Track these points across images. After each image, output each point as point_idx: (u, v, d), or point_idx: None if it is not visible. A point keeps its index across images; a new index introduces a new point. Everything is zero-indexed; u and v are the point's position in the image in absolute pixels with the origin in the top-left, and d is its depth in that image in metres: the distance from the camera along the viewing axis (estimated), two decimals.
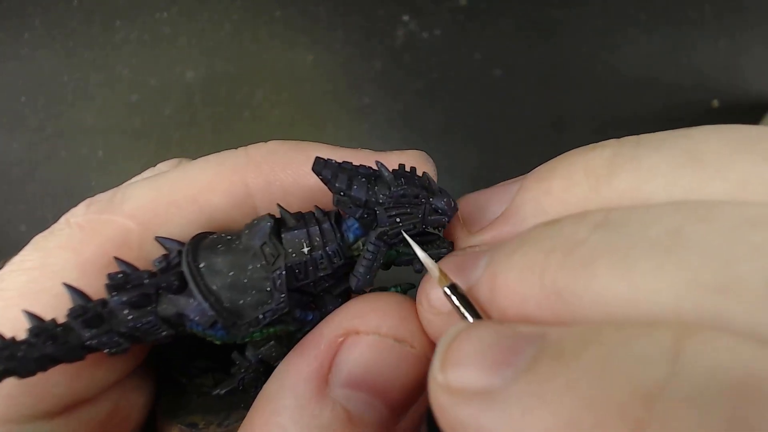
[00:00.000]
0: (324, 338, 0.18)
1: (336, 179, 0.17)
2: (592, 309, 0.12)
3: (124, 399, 0.22)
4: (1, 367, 0.16)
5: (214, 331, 0.18)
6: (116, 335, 0.17)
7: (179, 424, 0.22)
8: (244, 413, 0.21)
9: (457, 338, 0.13)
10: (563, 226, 0.15)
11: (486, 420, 0.11)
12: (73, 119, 0.51)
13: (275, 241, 0.18)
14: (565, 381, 0.11)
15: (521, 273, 0.14)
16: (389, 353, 0.18)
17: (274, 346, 0.20)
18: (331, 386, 0.17)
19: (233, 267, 0.18)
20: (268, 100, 0.50)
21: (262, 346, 0.20)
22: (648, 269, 0.12)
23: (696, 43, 0.49)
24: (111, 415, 0.21)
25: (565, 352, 0.11)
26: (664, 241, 0.12)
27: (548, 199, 0.17)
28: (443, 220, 0.18)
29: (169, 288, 0.17)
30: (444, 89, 0.49)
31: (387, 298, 0.19)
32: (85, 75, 0.51)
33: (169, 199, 0.20)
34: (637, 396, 0.10)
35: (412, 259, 0.19)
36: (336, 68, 0.50)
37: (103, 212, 0.20)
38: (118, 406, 0.21)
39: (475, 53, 0.49)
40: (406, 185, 0.17)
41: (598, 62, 0.49)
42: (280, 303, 0.18)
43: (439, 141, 0.48)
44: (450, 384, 0.13)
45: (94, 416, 0.20)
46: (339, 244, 0.18)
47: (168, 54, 0.51)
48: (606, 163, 0.16)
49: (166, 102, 0.50)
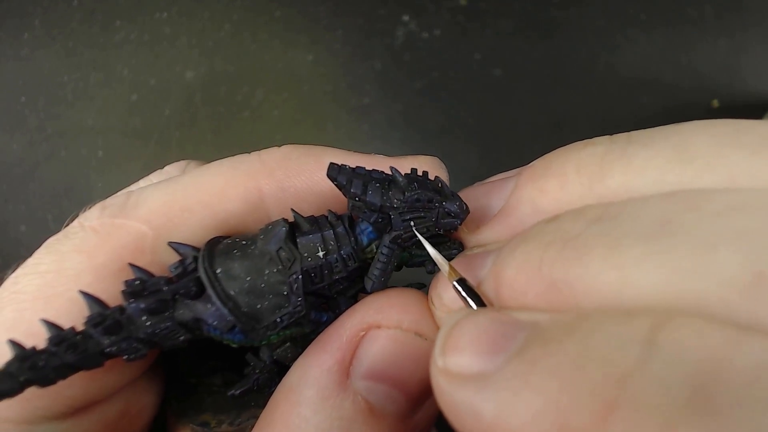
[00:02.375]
0: (346, 331, 0.18)
1: (351, 185, 0.18)
2: (585, 298, 0.13)
3: (134, 399, 0.22)
4: (23, 377, 0.16)
5: (231, 335, 0.18)
6: (135, 341, 0.18)
7: (191, 423, 0.22)
8: (255, 411, 0.21)
9: (456, 325, 0.14)
10: (562, 222, 0.15)
11: (479, 402, 0.12)
12: (73, 119, 0.51)
13: (291, 246, 0.18)
14: (549, 365, 0.11)
15: (522, 266, 0.15)
16: (410, 347, 0.18)
17: (290, 347, 0.20)
18: (353, 378, 0.18)
19: (250, 272, 0.18)
20: (268, 100, 0.50)
21: (277, 348, 0.20)
22: (636, 257, 0.12)
23: (696, 43, 0.49)
24: (122, 415, 0.21)
25: (552, 337, 0.12)
26: (654, 230, 0.13)
27: (544, 198, 0.17)
28: (456, 223, 0.18)
29: (188, 294, 0.18)
30: (444, 89, 0.49)
31: (407, 294, 0.19)
32: (85, 75, 0.51)
33: (183, 204, 0.20)
34: (610, 378, 0.10)
35: (423, 260, 0.20)
36: (336, 68, 0.50)
37: (117, 216, 0.20)
38: (128, 406, 0.22)
39: (475, 53, 0.49)
40: (420, 189, 0.18)
41: (598, 62, 0.49)
42: (297, 306, 0.18)
43: (439, 141, 0.48)
44: (448, 368, 0.13)
45: (105, 416, 0.21)
46: (353, 248, 0.19)
47: (168, 54, 0.51)
48: (598, 160, 0.16)
49: (166, 102, 0.50)
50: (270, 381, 0.21)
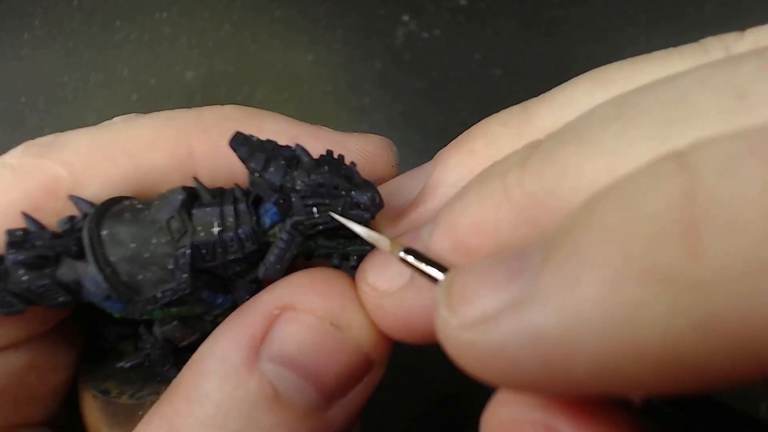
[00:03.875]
0: (261, 307, 0.17)
1: (252, 158, 0.16)
2: (575, 194, 0.12)
3: (43, 354, 0.21)
4: None
5: (110, 303, 0.17)
6: (9, 295, 0.16)
7: (93, 389, 0.21)
8: (157, 387, 0.20)
9: (453, 281, 0.13)
10: (508, 157, 0.15)
11: (531, 324, 0.10)
12: (73, 119, 0.51)
13: (184, 217, 0.17)
14: (596, 236, 0.10)
15: (483, 204, 0.14)
16: (324, 337, 0.17)
17: (178, 326, 0.19)
18: (261, 358, 0.16)
19: (136, 239, 0.17)
20: (268, 100, 0.50)
21: (165, 325, 0.19)
22: (613, 137, 0.12)
23: None
24: (29, 368, 0.20)
25: (576, 226, 0.11)
26: (613, 114, 0.12)
27: (473, 158, 0.17)
28: (365, 216, 0.17)
29: (67, 252, 0.16)
30: (444, 89, 0.49)
31: (333, 277, 0.18)
32: (85, 75, 0.51)
33: (108, 151, 0.19)
34: (672, 205, 0.09)
35: (331, 252, 0.18)
36: (336, 68, 0.50)
37: (39, 156, 0.19)
38: (36, 360, 0.21)
39: (475, 53, 0.49)
40: (328, 174, 0.16)
41: (598, 62, 0.49)
42: (182, 283, 0.16)
43: (439, 141, 0.48)
44: (469, 319, 0.12)
45: (5, 367, 0.20)
46: (253, 228, 0.17)
47: (168, 54, 0.51)
48: (521, 110, 0.17)
49: (166, 102, 0.50)
50: (163, 358, 0.19)
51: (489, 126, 0.17)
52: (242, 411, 0.16)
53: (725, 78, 0.11)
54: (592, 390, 0.10)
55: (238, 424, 0.16)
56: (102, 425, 0.20)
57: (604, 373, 0.10)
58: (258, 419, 0.16)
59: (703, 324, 0.09)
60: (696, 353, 0.09)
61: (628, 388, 0.10)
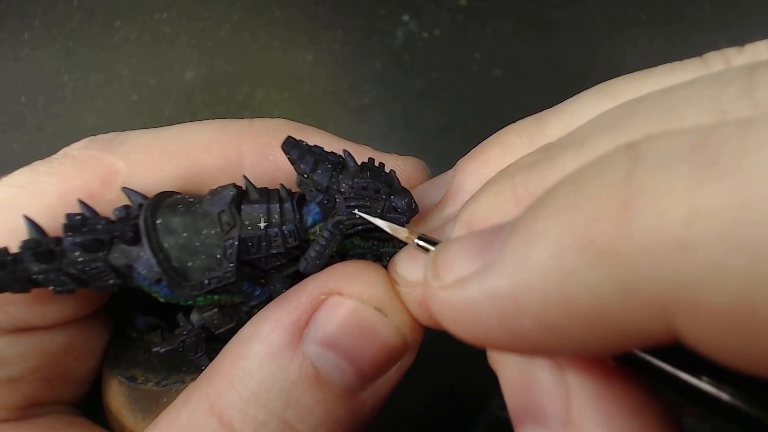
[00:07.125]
0: (307, 293, 0.18)
1: (302, 161, 0.18)
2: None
3: (81, 338, 0.22)
4: None
5: (159, 287, 0.18)
6: (63, 275, 0.18)
7: (120, 375, 0.22)
8: (183, 376, 0.21)
9: (438, 252, 0.14)
10: (520, 160, 0.17)
11: (491, 284, 0.12)
12: (73, 119, 0.51)
13: (234, 211, 0.18)
14: (549, 212, 0.12)
15: (494, 200, 0.16)
16: (368, 320, 0.18)
17: (217, 314, 0.20)
18: (305, 341, 0.18)
19: (188, 229, 0.18)
20: (268, 100, 0.50)
21: (205, 312, 0.20)
22: (609, 142, 0.13)
23: (696, 43, 0.49)
24: (66, 349, 0.22)
25: (538, 205, 0.12)
26: (610, 122, 0.14)
27: (489, 166, 0.18)
28: (401, 220, 0.18)
29: (123, 237, 0.18)
30: (444, 89, 0.49)
31: (374, 269, 0.19)
32: (85, 75, 0.51)
33: (164, 149, 0.20)
34: (613, 185, 0.11)
35: (365, 252, 0.20)
36: (336, 68, 0.50)
37: (100, 149, 0.20)
38: (74, 342, 0.22)
39: (475, 53, 0.49)
40: (370, 179, 0.18)
41: (598, 62, 0.49)
42: (227, 272, 0.18)
43: (439, 141, 0.48)
44: (447, 282, 0.13)
45: (47, 345, 0.21)
46: (296, 225, 0.18)
47: (168, 54, 0.51)
48: (533, 121, 0.18)
49: (166, 102, 0.50)
50: (196, 346, 0.21)
51: (504, 136, 0.19)
52: (284, 389, 0.17)
53: (712, 94, 0.12)
54: (541, 345, 0.12)
55: (280, 402, 0.17)
56: (125, 410, 0.22)
57: (548, 328, 0.12)
58: (299, 398, 0.17)
59: (626, 290, 0.10)
60: (618, 313, 0.11)
61: (568, 343, 0.12)
